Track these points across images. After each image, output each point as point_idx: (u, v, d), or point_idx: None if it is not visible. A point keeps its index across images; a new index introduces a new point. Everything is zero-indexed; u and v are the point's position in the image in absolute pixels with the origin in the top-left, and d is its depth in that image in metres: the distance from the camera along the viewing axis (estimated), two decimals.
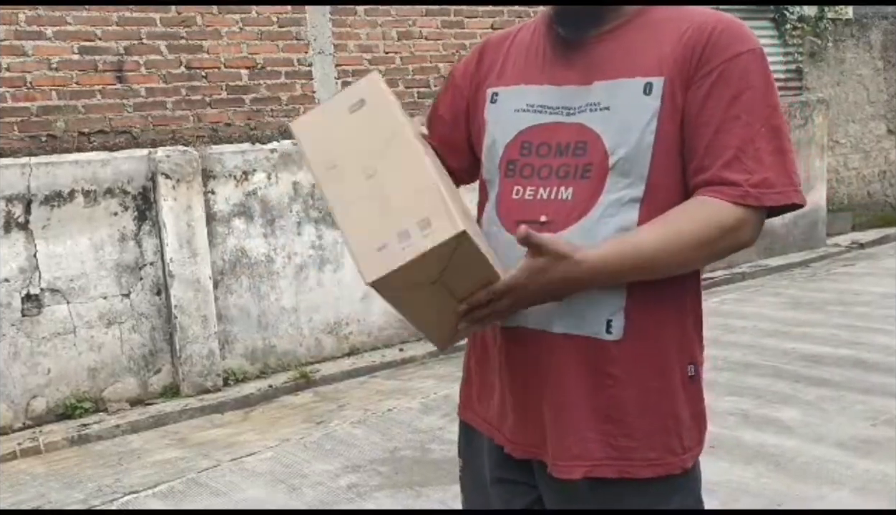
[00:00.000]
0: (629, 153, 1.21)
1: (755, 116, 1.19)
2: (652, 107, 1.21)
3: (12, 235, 4.19)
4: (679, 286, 1.25)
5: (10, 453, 3.94)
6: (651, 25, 1.25)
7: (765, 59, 1.23)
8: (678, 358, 1.26)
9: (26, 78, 4.45)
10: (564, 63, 1.28)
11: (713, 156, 1.20)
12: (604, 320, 1.23)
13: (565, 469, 1.26)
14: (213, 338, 4.67)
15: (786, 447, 3.47)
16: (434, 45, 5.82)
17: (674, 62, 1.21)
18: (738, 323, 5.52)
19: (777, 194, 1.20)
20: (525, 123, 1.30)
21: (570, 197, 1.24)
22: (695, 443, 1.28)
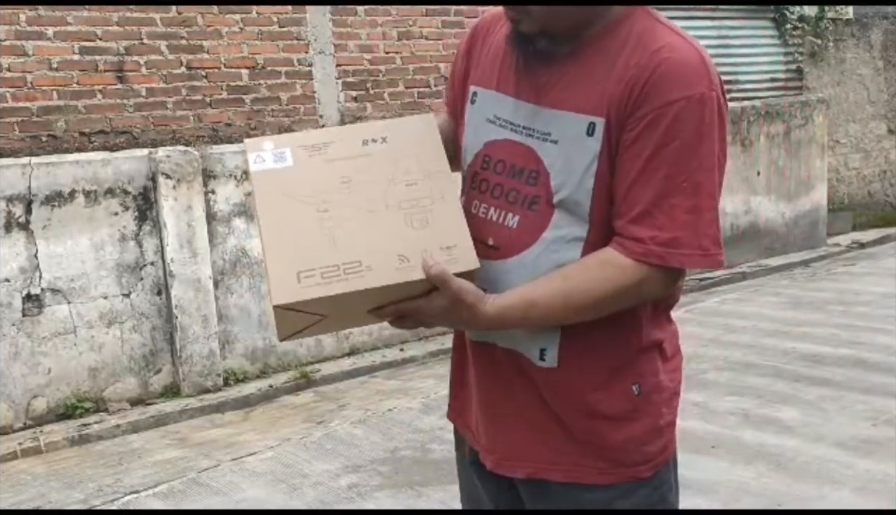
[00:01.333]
0: (571, 194, 1.21)
1: (678, 170, 1.14)
2: (593, 150, 1.19)
3: (13, 235, 4.19)
4: (618, 318, 1.23)
5: (11, 453, 3.94)
6: (611, 50, 1.19)
7: (710, 104, 1.15)
8: (618, 379, 1.26)
9: (27, 78, 4.46)
10: (528, 74, 1.25)
11: (626, 205, 1.17)
12: (537, 348, 1.26)
13: (509, 466, 1.32)
14: (213, 338, 4.67)
15: (786, 447, 3.47)
16: (434, 45, 5.82)
17: (617, 101, 1.16)
18: (739, 323, 5.52)
19: (683, 256, 1.16)
20: (491, 136, 1.30)
21: (515, 225, 1.25)
22: (654, 455, 1.29)
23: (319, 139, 1.26)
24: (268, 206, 1.19)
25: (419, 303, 1.20)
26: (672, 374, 1.33)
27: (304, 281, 1.14)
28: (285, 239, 1.17)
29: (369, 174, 1.23)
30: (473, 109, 1.34)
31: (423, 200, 1.22)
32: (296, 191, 1.20)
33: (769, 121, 7.51)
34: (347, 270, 1.16)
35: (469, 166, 1.34)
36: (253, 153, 1.23)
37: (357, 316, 1.26)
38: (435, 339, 5.35)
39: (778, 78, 7.96)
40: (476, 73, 1.36)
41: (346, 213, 1.20)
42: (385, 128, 1.29)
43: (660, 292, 1.20)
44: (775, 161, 7.60)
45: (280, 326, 1.21)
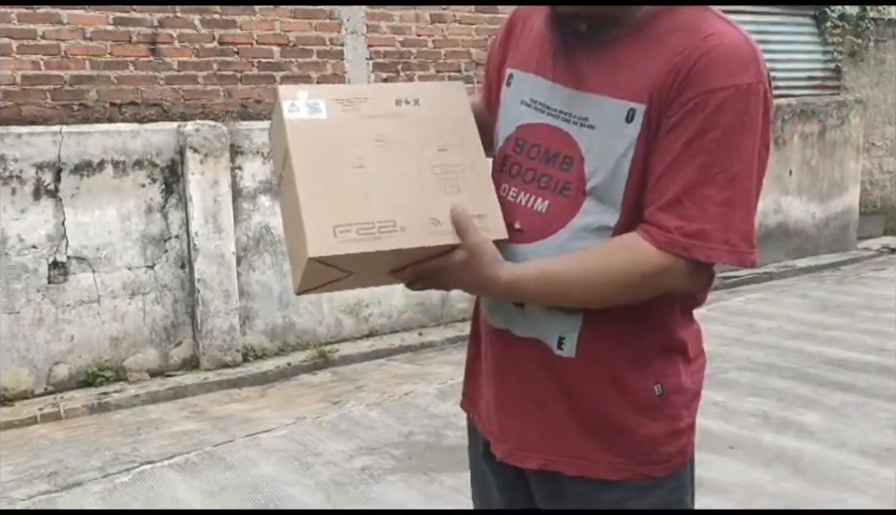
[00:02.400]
0: (605, 181, 1.17)
1: (714, 160, 1.10)
2: (631, 137, 1.15)
3: (42, 203, 4.23)
4: (641, 310, 1.20)
5: (31, 417, 4.00)
6: (657, 37, 1.15)
7: (755, 95, 1.11)
8: (638, 377, 1.23)
9: (61, 46, 4.48)
10: (568, 59, 1.22)
11: (657, 192, 1.13)
12: (556, 336, 1.23)
13: (520, 457, 1.29)
14: (234, 314, 4.70)
15: (806, 451, 3.42)
16: (467, 29, 5.77)
17: (660, 87, 1.13)
18: (763, 324, 5.44)
19: (709, 249, 1.11)
20: (525, 119, 1.27)
21: (544, 210, 1.22)
22: (671, 457, 1.26)
23: (353, 94, 1.25)
24: (302, 156, 1.18)
25: (439, 261, 1.19)
26: (694, 376, 1.29)
27: (339, 236, 1.14)
28: (321, 191, 1.16)
29: (402, 135, 1.22)
30: (509, 91, 1.32)
31: (454, 167, 1.22)
32: (331, 144, 1.19)
33: (804, 120, 7.38)
34: (382, 228, 1.15)
35: (500, 149, 1.31)
36: (287, 101, 1.21)
37: (377, 276, 1.25)
38: (454, 326, 5.34)
39: (815, 76, 7.81)
40: (513, 56, 1.33)
41: (380, 172, 1.19)
42: (417, 89, 1.28)
43: (681, 285, 1.16)
44: (808, 161, 7.47)
45: (304, 279, 1.20)
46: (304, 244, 1.13)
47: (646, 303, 1.20)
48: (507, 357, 1.30)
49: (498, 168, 1.31)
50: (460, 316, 5.42)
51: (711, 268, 1.20)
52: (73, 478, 3.36)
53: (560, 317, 1.22)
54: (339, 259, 1.15)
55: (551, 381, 1.25)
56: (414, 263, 1.20)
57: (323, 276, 1.21)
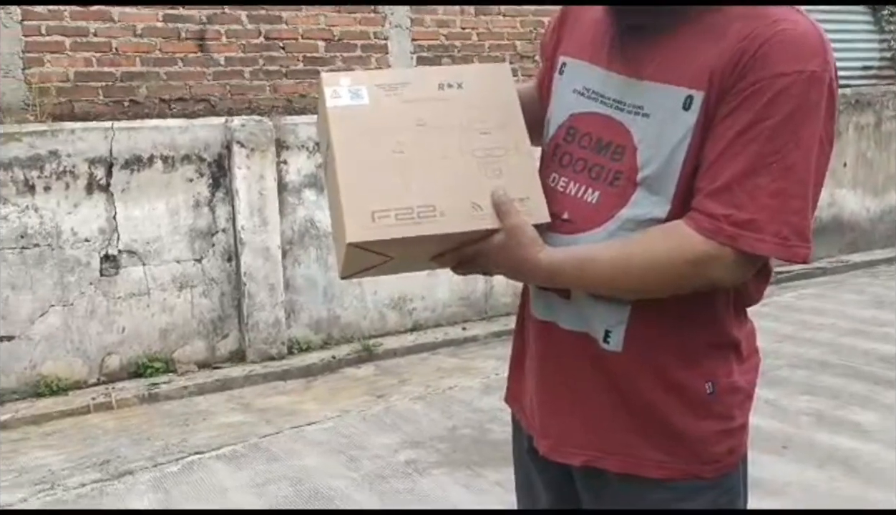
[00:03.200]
0: (657, 171, 1.13)
1: (771, 148, 1.05)
2: (687, 125, 1.11)
3: (94, 197, 4.32)
4: (692, 304, 1.16)
5: (84, 407, 4.09)
6: (721, 24, 1.11)
7: (819, 84, 1.06)
8: (688, 374, 1.19)
9: (112, 43, 4.57)
10: (624, 48, 1.19)
11: (707, 179, 1.09)
12: (602, 329, 1.20)
13: (563, 453, 1.26)
14: (279, 307, 4.74)
15: (861, 451, 3.32)
16: (511, 22, 5.73)
17: (720, 72, 1.08)
18: (816, 320, 5.30)
19: (757, 240, 1.06)
20: (577, 108, 1.24)
21: (595, 200, 1.19)
22: (720, 457, 1.22)
23: (395, 79, 1.25)
24: (343, 143, 1.19)
25: (478, 246, 1.18)
26: (747, 375, 1.25)
27: (378, 221, 1.14)
28: (361, 177, 1.17)
29: (444, 119, 1.22)
30: (561, 79, 1.29)
31: (496, 150, 1.21)
32: (371, 131, 1.20)
33: (859, 110, 7.17)
34: (421, 214, 1.15)
35: (551, 138, 1.28)
36: (329, 88, 1.22)
37: (419, 261, 1.26)
38: (498, 320, 5.32)
39: (871, 66, 7.58)
40: (567, 44, 1.31)
41: (420, 156, 1.19)
42: (461, 72, 1.28)
43: (727, 277, 1.11)
44: (863, 153, 7.26)
45: (346, 264, 1.21)
46: (344, 230, 1.14)
47: (697, 299, 1.16)
48: (551, 349, 1.27)
49: (549, 157, 1.28)
50: (504, 310, 5.39)
51: (765, 263, 1.15)
52: (124, 467, 3.43)
53: (607, 309, 1.19)
54: (378, 244, 1.15)
55: (597, 375, 1.22)
56: (454, 248, 1.19)
57: (364, 261, 1.21)
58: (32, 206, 4.19)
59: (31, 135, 4.20)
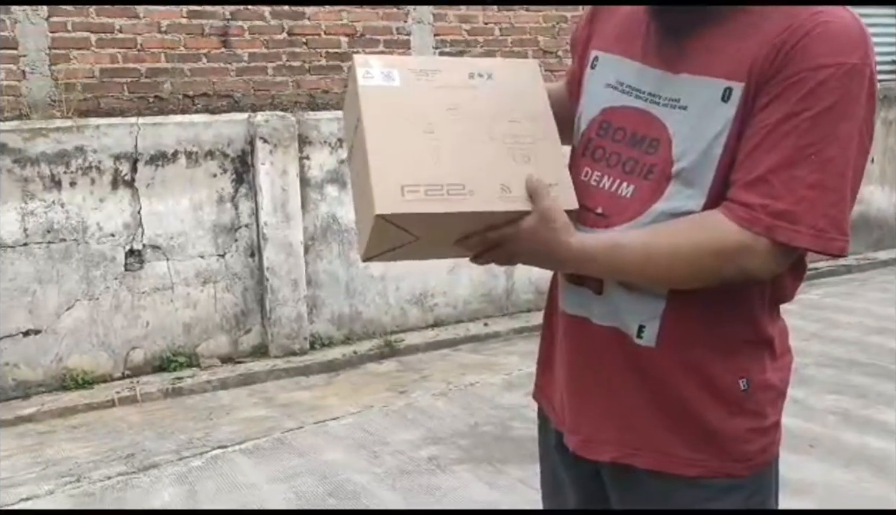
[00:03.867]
0: (694, 163, 1.12)
1: (809, 140, 1.04)
2: (726, 117, 1.09)
3: (119, 192, 4.36)
4: (726, 300, 1.15)
5: (109, 400, 4.13)
6: (760, 17, 1.10)
7: (860, 78, 1.05)
8: (722, 370, 1.18)
9: (137, 40, 4.60)
10: (662, 44, 1.18)
11: (744, 170, 1.07)
12: (636, 325, 1.18)
13: (593, 449, 1.25)
14: (301, 302, 4.76)
15: (890, 451, 3.27)
16: (534, 17, 5.70)
17: (760, 63, 1.07)
18: (843, 318, 5.24)
19: (793, 231, 1.04)
20: (611, 102, 1.23)
21: (629, 194, 1.18)
22: (753, 455, 1.20)
23: (427, 65, 1.26)
24: (374, 119, 1.19)
25: (507, 229, 1.15)
26: (780, 373, 1.24)
27: (407, 195, 1.13)
28: (390, 152, 1.16)
29: (474, 106, 1.22)
30: (593, 74, 1.27)
31: (525, 138, 1.21)
32: (402, 110, 1.20)
33: (887, 105, 7.06)
34: (451, 191, 1.14)
35: (583, 133, 1.27)
36: (362, 68, 1.22)
37: (443, 246, 1.24)
38: (519, 316, 5.31)
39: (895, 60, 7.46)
40: (599, 38, 1.29)
41: (450, 138, 1.19)
42: (491, 65, 1.28)
43: (761, 269, 1.09)
44: (891, 148, 7.15)
45: (371, 241, 1.19)
46: (372, 202, 1.13)
47: (732, 294, 1.15)
48: (583, 345, 1.26)
49: (581, 152, 1.26)
50: (526, 307, 5.37)
51: (800, 257, 1.14)
52: (149, 461, 3.46)
53: (640, 303, 1.18)
54: (406, 218, 1.14)
55: (630, 371, 1.21)
56: (481, 231, 1.17)
57: (389, 240, 1.20)
58: (59, 202, 4.23)
59: (58, 131, 4.24)
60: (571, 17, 5.77)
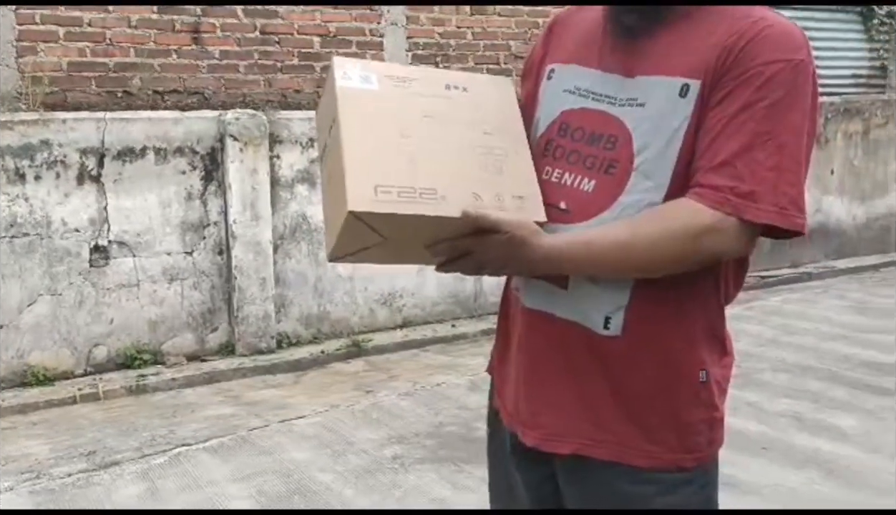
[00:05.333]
0: (655, 156, 1.18)
1: (765, 128, 1.13)
2: (685, 112, 1.17)
3: (85, 187, 4.33)
4: (688, 291, 1.21)
5: (71, 397, 4.10)
6: (709, 22, 1.20)
7: (805, 73, 1.15)
8: (685, 361, 1.23)
9: (106, 34, 4.56)
10: (617, 50, 1.25)
11: (707, 157, 1.15)
12: (602, 316, 1.23)
13: (552, 444, 1.28)
14: (269, 301, 4.76)
15: (840, 454, 3.37)
16: (507, 22, 5.76)
17: (713, 63, 1.16)
18: (800, 325, 5.36)
19: (759, 210, 1.12)
20: (569, 105, 1.29)
21: (591, 189, 1.23)
22: (702, 446, 1.26)
23: (405, 73, 1.29)
24: (350, 119, 1.20)
25: (474, 240, 1.18)
26: (727, 371, 1.30)
27: (380, 195, 1.15)
28: (365, 151, 1.18)
29: (449, 115, 1.26)
30: (550, 84, 1.33)
31: (497, 149, 1.25)
32: (379, 114, 1.22)
33: (848, 118, 7.24)
34: (423, 195, 1.16)
35: (542, 135, 1.32)
36: (340, 69, 1.24)
37: (413, 249, 1.25)
38: (487, 318, 5.36)
39: (860, 75, 7.65)
40: (554, 53, 1.35)
41: (425, 143, 1.22)
42: (467, 79, 1.32)
43: (727, 247, 1.15)
44: (851, 160, 7.33)
45: (340, 240, 1.20)
46: (345, 200, 1.14)
47: (693, 285, 1.21)
48: (545, 339, 1.28)
49: (540, 153, 1.31)
50: (493, 309, 5.39)
51: (756, 236, 1.19)
52: (110, 458, 3.45)
53: (606, 294, 1.22)
54: (378, 218, 1.15)
55: (593, 364, 1.24)
56: (451, 238, 1.20)
57: (358, 240, 1.21)
58: (23, 196, 4.19)
59: (23, 124, 4.19)
60: (543, 22, 5.84)
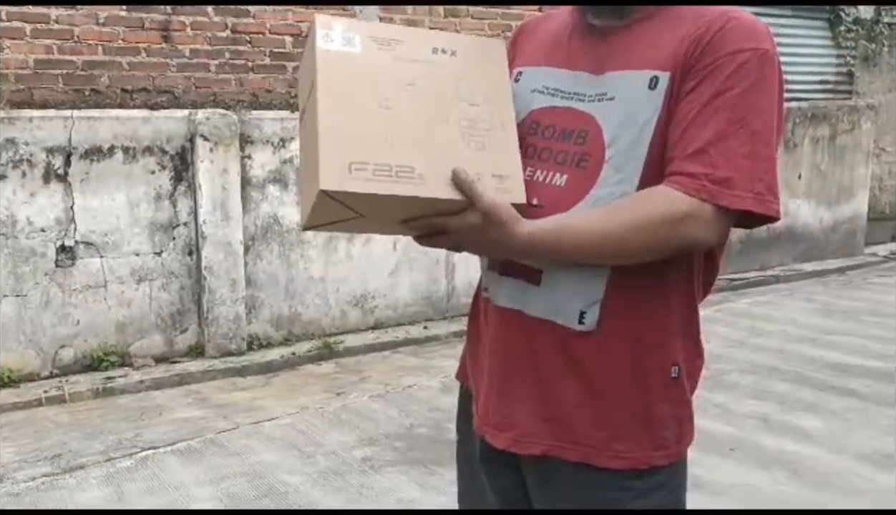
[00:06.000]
0: (626, 148, 1.19)
1: (737, 115, 1.14)
2: (655, 103, 1.18)
3: (51, 186, 4.26)
4: (661, 285, 1.22)
5: (36, 400, 4.03)
6: (674, 20, 1.22)
7: (772, 63, 1.17)
8: (658, 356, 1.24)
9: (74, 31, 4.50)
10: (585, 50, 1.27)
11: (682, 146, 1.16)
12: (577, 311, 1.22)
13: (525, 445, 1.27)
14: (240, 302, 4.72)
15: (805, 455, 3.42)
16: (479, 24, 5.77)
17: (682, 55, 1.18)
18: (767, 327, 5.44)
19: (735, 196, 1.13)
20: (538, 104, 1.29)
21: (563, 183, 1.23)
22: (672, 443, 1.26)
23: (390, 34, 1.22)
24: (329, 87, 1.15)
25: (452, 220, 1.17)
26: (698, 368, 1.31)
27: (354, 173, 1.10)
28: (343, 124, 1.13)
29: (434, 84, 1.20)
30: (517, 86, 1.32)
31: (481, 123, 1.20)
32: (359, 80, 1.16)
33: (815, 124, 7.36)
34: (399, 173, 1.12)
35: None
36: (322, 30, 1.17)
37: (388, 224, 1.22)
38: (459, 320, 5.36)
39: (828, 80, 7.79)
40: (522, 57, 1.36)
41: (406, 116, 1.16)
42: (456, 41, 1.26)
43: (704, 235, 1.15)
44: (818, 165, 7.45)
45: (313, 213, 1.16)
46: (317, 176, 1.10)
47: (667, 279, 1.22)
48: (516, 340, 1.27)
49: None
50: (465, 310, 5.39)
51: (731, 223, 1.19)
52: (75, 461, 3.39)
53: (581, 289, 1.21)
54: (350, 197, 1.11)
55: (566, 364, 1.24)
56: (426, 215, 1.17)
57: (332, 214, 1.17)
58: None
59: None
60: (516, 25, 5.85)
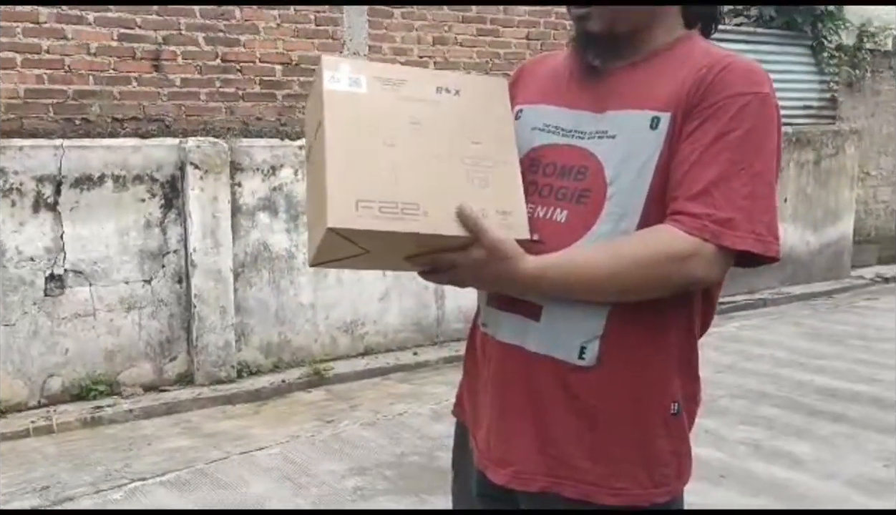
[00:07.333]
0: (627, 185, 1.21)
1: (738, 156, 1.17)
2: (655, 143, 1.20)
3: (40, 215, 4.25)
4: (661, 322, 1.23)
5: (24, 430, 3.99)
6: (673, 61, 1.24)
7: (771, 106, 1.20)
8: (657, 392, 1.25)
9: (65, 61, 4.51)
10: (585, 89, 1.29)
11: (684, 186, 1.18)
12: (577, 345, 1.23)
13: (525, 481, 1.27)
14: (229, 329, 4.71)
15: (796, 481, 3.43)
16: (468, 52, 5.83)
17: (684, 96, 1.20)
18: (756, 351, 5.47)
19: (737, 237, 1.16)
20: (538, 141, 1.31)
21: (563, 219, 1.25)
22: (671, 479, 1.26)
23: (395, 74, 1.26)
24: (336, 126, 1.18)
25: (457, 256, 1.18)
26: (696, 406, 1.32)
27: (361, 210, 1.13)
28: (349, 163, 1.16)
29: (438, 122, 1.23)
30: (518, 123, 1.34)
31: (485, 161, 1.23)
32: (365, 119, 1.19)
33: (800, 148, 7.45)
34: (405, 210, 1.15)
35: None
36: (329, 71, 1.21)
37: (394, 260, 1.24)
38: (449, 345, 5.36)
39: (811, 106, 7.89)
40: (522, 96, 1.38)
41: (411, 154, 1.19)
42: (459, 80, 1.29)
43: (706, 274, 1.17)
44: (803, 189, 7.53)
45: (320, 250, 1.19)
46: (325, 213, 1.12)
47: (667, 315, 1.23)
48: (516, 375, 1.28)
49: None
50: (456, 336, 5.43)
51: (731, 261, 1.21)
52: (64, 493, 3.36)
53: (581, 324, 1.22)
54: (357, 234, 1.14)
55: (566, 400, 1.24)
56: (432, 251, 1.19)
57: (339, 250, 1.19)
58: None
59: None
60: (504, 53, 5.93)
